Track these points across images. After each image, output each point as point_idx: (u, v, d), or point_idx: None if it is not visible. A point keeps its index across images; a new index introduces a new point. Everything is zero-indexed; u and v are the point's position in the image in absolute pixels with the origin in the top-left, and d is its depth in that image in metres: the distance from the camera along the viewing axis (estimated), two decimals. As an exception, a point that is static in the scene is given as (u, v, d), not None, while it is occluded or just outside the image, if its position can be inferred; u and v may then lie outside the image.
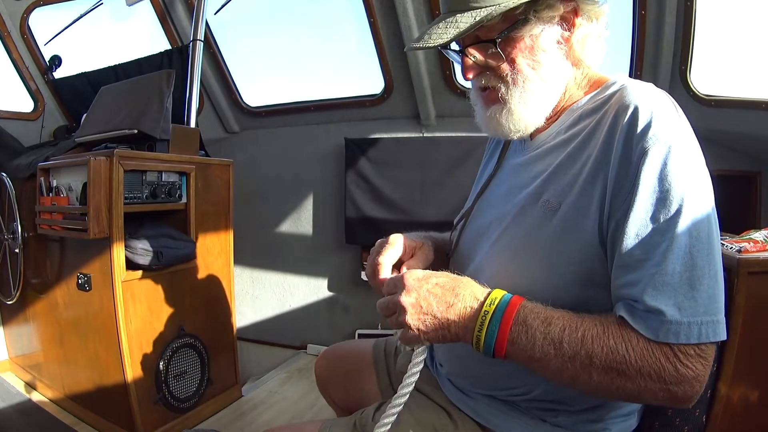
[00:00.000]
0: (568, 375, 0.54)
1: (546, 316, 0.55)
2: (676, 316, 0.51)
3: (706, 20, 1.74)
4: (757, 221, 1.79)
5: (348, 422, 0.75)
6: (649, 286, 0.53)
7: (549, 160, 0.67)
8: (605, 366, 0.53)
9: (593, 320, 0.55)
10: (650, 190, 0.54)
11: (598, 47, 0.68)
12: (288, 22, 2.74)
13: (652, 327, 0.52)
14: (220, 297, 1.90)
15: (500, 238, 0.68)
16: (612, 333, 0.54)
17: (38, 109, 2.53)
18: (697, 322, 0.51)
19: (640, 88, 0.60)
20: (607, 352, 0.53)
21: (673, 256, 0.52)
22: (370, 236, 2.40)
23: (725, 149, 1.89)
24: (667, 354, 0.52)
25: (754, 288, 0.94)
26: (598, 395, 0.60)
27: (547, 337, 0.54)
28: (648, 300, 0.53)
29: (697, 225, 0.53)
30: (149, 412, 1.58)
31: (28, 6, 2.38)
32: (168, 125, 1.66)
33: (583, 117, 0.66)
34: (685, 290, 0.52)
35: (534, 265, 0.62)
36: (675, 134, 0.55)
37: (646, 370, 0.52)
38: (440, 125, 2.39)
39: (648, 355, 0.52)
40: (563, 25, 0.65)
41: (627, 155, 0.56)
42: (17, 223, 1.82)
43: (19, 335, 2.08)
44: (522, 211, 0.66)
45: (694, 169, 0.55)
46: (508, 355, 0.56)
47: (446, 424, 0.71)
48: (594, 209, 0.58)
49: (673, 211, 0.53)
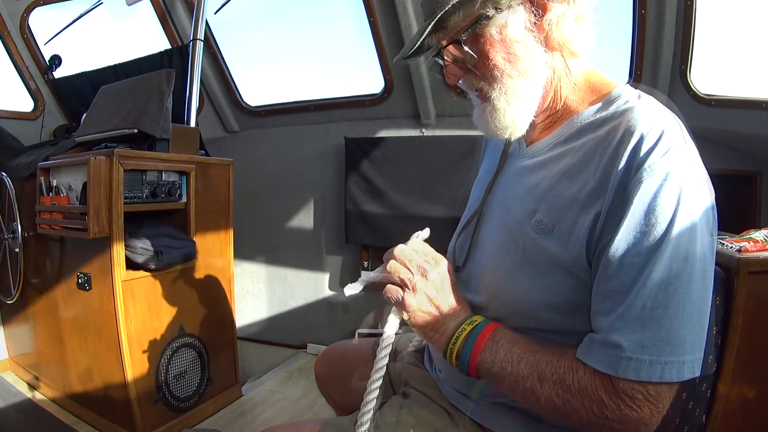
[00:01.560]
0: (520, 394, 0.58)
1: (513, 338, 0.60)
2: (637, 353, 0.51)
3: (706, 20, 1.73)
4: (757, 221, 1.79)
5: (348, 421, 0.75)
6: (618, 319, 0.52)
7: (543, 173, 0.65)
8: (552, 391, 0.55)
9: (553, 348, 0.58)
10: (636, 222, 0.52)
11: (581, 30, 0.63)
12: (288, 22, 2.74)
13: (606, 360, 0.52)
14: (220, 297, 1.90)
15: (495, 254, 0.68)
16: (564, 362, 0.56)
17: (38, 108, 2.53)
18: (660, 362, 0.50)
19: (648, 112, 0.57)
20: (556, 379, 0.55)
21: (646, 291, 0.51)
22: (370, 236, 2.40)
23: (725, 149, 1.89)
24: (608, 390, 0.52)
25: (754, 288, 0.95)
26: (548, 417, 0.63)
27: (507, 355, 0.58)
28: (613, 332, 0.52)
29: (678, 263, 0.51)
30: (149, 411, 1.58)
31: (28, 6, 2.38)
32: (168, 125, 1.66)
33: (582, 132, 0.63)
34: (653, 327, 0.51)
35: (528, 284, 0.61)
36: (673, 167, 0.52)
37: (587, 402, 0.53)
38: (440, 125, 2.39)
39: (590, 388, 0.53)
40: (533, 11, 0.61)
41: (624, 185, 0.54)
42: (17, 223, 1.82)
43: (19, 335, 2.08)
44: (517, 226, 0.65)
45: (686, 206, 0.52)
46: (477, 368, 0.60)
47: (447, 424, 0.71)
48: (587, 236, 0.57)
49: (654, 245, 0.51)
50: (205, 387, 1.80)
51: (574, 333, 0.59)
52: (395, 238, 0.77)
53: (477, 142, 0.98)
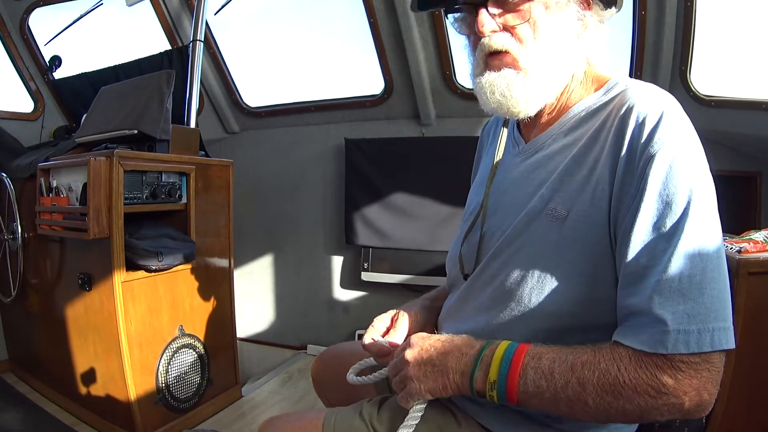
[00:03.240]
0: (564, 405, 0.53)
1: (538, 352, 0.56)
2: (684, 324, 0.49)
3: (706, 20, 1.73)
4: (757, 221, 1.79)
5: (353, 411, 0.75)
6: (656, 293, 0.50)
7: (552, 165, 0.65)
8: (599, 390, 0.51)
9: (584, 348, 0.54)
10: (656, 195, 0.53)
11: (601, 46, 0.67)
12: (288, 23, 2.74)
13: (653, 339, 0.50)
14: (220, 297, 1.90)
15: (506, 253, 0.66)
16: (603, 356, 0.53)
17: (38, 109, 2.53)
18: (708, 329, 0.49)
19: (644, 90, 0.59)
20: (598, 376, 0.52)
21: (681, 260, 0.50)
22: (370, 236, 2.40)
23: (725, 149, 1.89)
24: (663, 366, 0.50)
25: (754, 288, 0.95)
26: (601, 421, 0.59)
27: (538, 371, 0.54)
28: (654, 308, 0.50)
29: (705, 228, 0.51)
30: (149, 412, 1.58)
31: (28, 6, 2.38)
32: (168, 125, 1.66)
33: (585, 119, 0.64)
34: (695, 295, 0.49)
35: (544, 278, 0.60)
36: (681, 138, 0.54)
37: (642, 387, 0.50)
38: (440, 125, 2.38)
39: (642, 371, 0.50)
40: (580, 8, 0.64)
41: (632, 160, 0.55)
42: (17, 223, 1.82)
43: (19, 336, 2.08)
44: (528, 222, 0.64)
45: (699, 173, 0.54)
46: (517, 396, 0.55)
47: (450, 422, 0.71)
48: (603, 216, 0.57)
49: (679, 215, 0.51)
50: (205, 388, 1.80)
51: (594, 328, 0.58)
52: (395, 238, 0.77)
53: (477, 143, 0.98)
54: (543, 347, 0.56)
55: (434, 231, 2.27)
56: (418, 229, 2.30)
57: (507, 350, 0.57)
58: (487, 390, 0.57)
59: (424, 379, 0.60)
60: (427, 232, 2.29)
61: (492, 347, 0.58)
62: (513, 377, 0.55)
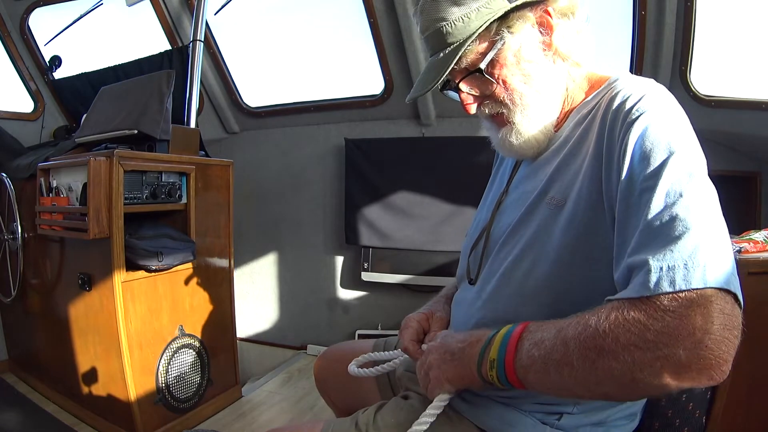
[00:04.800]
0: (554, 371, 0.50)
1: (534, 327, 0.55)
2: (668, 260, 0.45)
3: (706, 20, 1.74)
4: (757, 221, 1.79)
5: (350, 422, 0.75)
6: (640, 243, 0.48)
7: (553, 160, 0.67)
8: (581, 347, 0.47)
9: (571, 316, 0.52)
10: (636, 155, 0.53)
11: (582, 41, 0.68)
12: (288, 23, 2.74)
13: (637, 285, 0.46)
14: (220, 297, 1.90)
15: (510, 244, 0.68)
16: (585, 314, 0.49)
17: (38, 109, 2.53)
18: (698, 264, 0.44)
19: (631, 78, 0.62)
20: (580, 331, 0.48)
21: (663, 203, 0.48)
22: (370, 236, 2.40)
23: (725, 149, 1.89)
24: (647, 309, 0.44)
25: (754, 289, 0.94)
26: (592, 391, 0.50)
27: (531, 342, 0.53)
28: (638, 255, 0.48)
29: (687, 173, 0.50)
30: (149, 412, 1.58)
31: (28, 6, 2.38)
32: (168, 125, 1.66)
33: (582, 117, 0.67)
34: (680, 231, 0.46)
35: (544, 264, 0.62)
36: (660, 106, 0.55)
37: (624, 336, 0.44)
38: (440, 125, 2.39)
39: (623, 318, 0.45)
40: (541, 31, 0.65)
41: (614, 136, 0.56)
42: (17, 223, 1.82)
43: (19, 335, 2.08)
44: (529, 212, 0.66)
45: (681, 132, 0.54)
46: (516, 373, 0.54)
47: (443, 422, 0.71)
48: (597, 197, 0.58)
49: (658, 165, 0.51)
50: (205, 388, 1.80)
51: None
52: (395, 238, 0.78)
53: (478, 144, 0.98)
54: (543, 321, 0.54)
55: (434, 231, 2.28)
56: (418, 229, 2.30)
57: (508, 330, 0.56)
58: (488, 371, 0.56)
59: (445, 367, 0.62)
60: (427, 232, 2.29)
61: (498, 331, 0.58)
62: (510, 352, 0.54)
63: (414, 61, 2.15)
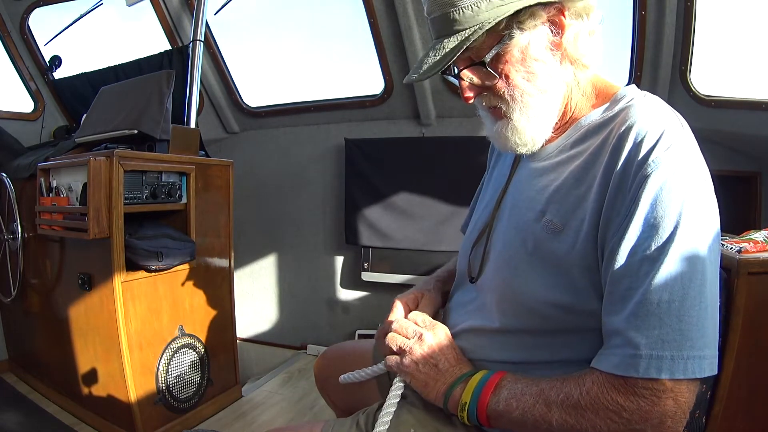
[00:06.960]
0: (531, 425, 0.57)
1: (514, 378, 0.61)
2: (657, 349, 0.49)
3: (706, 20, 1.74)
4: (757, 221, 1.79)
5: (350, 423, 0.75)
6: (633, 315, 0.51)
7: (553, 176, 0.66)
8: (562, 411, 0.54)
9: (558, 376, 0.58)
10: (643, 218, 0.52)
11: (593, 44, 0.65)
12: (288, 23, 2.74)
13: (624, 363, 0.51)
14: (220, 297, 1.90)
15: (505, 253, 0.68)
16: (572, 380, 0.55)
17: (38, 109, 2.53)
18: (682, 357, 0.49)
19: (648, 108, 0.58)
20: (563, 398, 0.54)
21: (661, 285, 0.50)
22: (370, 236, 2.40)
23: (725, 149, 1.89)
24: (626, 391, 0.50)
25: (754, 288, 0.94)
26: None
27: (511, 391, 0.59)
28: (630, 330, 0.51)
29: (691, 254, 0.51)
30: (149, 412, 1.58)
31: (28, 6, 2.38)
32: (168, 125, 1.66)
33: (589, 134, 0.64)
34: (672, 321, 0.50)
35: (535, 282, 0.62)
36: (677, 160, 0.53)
37: (603, 411, 0.51)
38: (440, 125, 2.38)
39: (604, 395, 0.51)
40: (552, 30, 0.63)
41: (626, 180, 0.54)
42: (17, 223, 1.82)
43: (19, 335, 2.08)
44: (525, 228, 0.65)
45: (695, 197, 0.53)
46: (488, 416, 0.61)
47: (446, 424, 0.71)
48: (594, 233, 0.57)
49: (665, 239, 0.51)
50: (205, 388, 1.80)
51: (580, 331, 0.59)
52: (395, 238, 0.79)
53: (478, 144, 0.98)
54: (519, 376, 0.61)
55: (434, 231, 2.28)
56: (418, 229, 2.30)
57: (484, 376, 0.63)
58: (458, 410, 0.63)
59: (423, 369, 0.67)
60: (427, 231, 2.29)
61: (474, 373, 0.64)
62: (485, 396, 0.60)
63: (414, 61, 2.15)
